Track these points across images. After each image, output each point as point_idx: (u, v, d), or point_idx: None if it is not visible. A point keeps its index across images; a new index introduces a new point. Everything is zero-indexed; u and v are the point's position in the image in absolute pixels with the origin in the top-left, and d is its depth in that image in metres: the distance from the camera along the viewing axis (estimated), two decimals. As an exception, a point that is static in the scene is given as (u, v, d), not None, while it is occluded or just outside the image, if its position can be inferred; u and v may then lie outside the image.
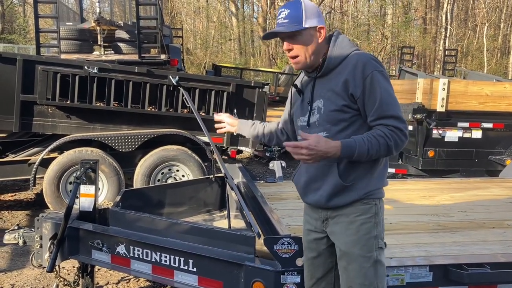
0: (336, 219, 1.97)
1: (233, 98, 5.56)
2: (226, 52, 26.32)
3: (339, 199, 1.93)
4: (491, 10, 28.65)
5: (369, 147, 1.80)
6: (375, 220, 1.93)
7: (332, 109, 1.91)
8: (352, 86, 1.86)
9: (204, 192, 4.11)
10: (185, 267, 2.58)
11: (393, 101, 1.87)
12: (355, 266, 1.92)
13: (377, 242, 1.92)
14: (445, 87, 6.25)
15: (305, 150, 1.74)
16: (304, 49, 1.93)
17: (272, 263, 2.33)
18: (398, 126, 1.83)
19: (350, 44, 1.99)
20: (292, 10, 1.92)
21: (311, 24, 1.91)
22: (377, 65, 1.89)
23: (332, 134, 1.91)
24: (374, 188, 1.93)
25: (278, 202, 3.63)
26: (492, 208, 3.49)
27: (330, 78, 1.94)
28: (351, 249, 1.92)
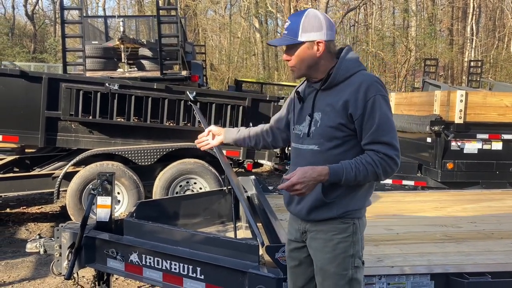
0: (314, 234, 2.01)
1: (249, 112, 5.69)
2: (250, 67, 26.61)
3: (318, 214, 1.97)
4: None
5: (356, 173, 1.85)
6: (352, 239, 1.96)
7: (328, 124, 1.93)
8: (352, 107, 1.88)
9: (218, 204, 4.21)
10: (193, 275, 2.68)
11: (390, 127, 1.89)
12: (330, 283, 1.97)
13: (354, 261, 1.96)
14: (462, 98, 6.22)
15: (298, 186, 1.81)
16: (300, 61, 1.96)
17: (274, 271, 2.40)
18: (388, 153, 1.85)
19: (358, 63, 2.00)
20: (292, 23, 1.96)
21: (308, 38, 1.92)
22: (381, 88, 1.91)
23: (323, 149, 1.94)
24: (354, 208, 1.96)
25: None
26: (503, 220, 3.47)
27: (332, 94, 1.95)
28: (327, 266, 1.97)
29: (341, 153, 1.92)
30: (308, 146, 1.99)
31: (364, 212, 2.04)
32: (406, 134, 7.35)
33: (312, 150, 1.98)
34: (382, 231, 3.16)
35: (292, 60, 1.98)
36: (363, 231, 2.03)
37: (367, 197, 2.03)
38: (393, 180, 6.96)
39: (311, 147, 1.97)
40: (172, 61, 7.86)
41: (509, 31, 27.38)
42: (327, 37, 1.95)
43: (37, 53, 21.48)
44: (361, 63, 2.02)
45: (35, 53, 21.54)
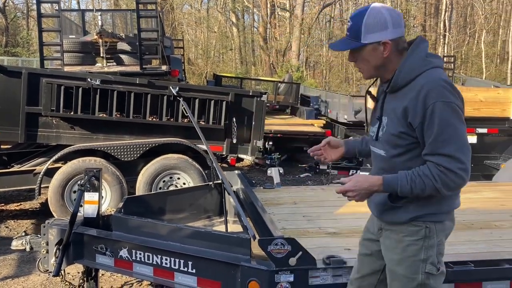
0: (388, 233, 1.97)
1: (232, 107, 5.71)
2: (227, 62, 26.59)
3: (388, 216, 1.94)
4: (489, 16, 28.86)
5: (412, 186, 1.76)
6: (424, 243, 1.86)
7: (391, 132, 1.85)
8: (411, 115, 1.76)
9: (204, 199, 4.23)
10: (184, 269, 2.70)
11: (451, 137, 1.72)
12: (398, 284, 1.93)
13: (425, 266, 1.86)
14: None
15: (350, 193, 1.80)
16: (366, 63, 1.87)
17: (266, 263, 2.45)
18: (448, 167, 1.71)
19: (423, 62, 1.81)
20: (353, 23, 1.83)
21: (372, 39, 1.80)
22: (445, 93, 1.73)
23: (388, 156, 1.89)
24: (427, 212, 1.85)
25: (275, 207, 3.75)
26: (482, 210, 3.61)
27: (396, 97, 1.84)
28: (395, 267, 1.92)
29: (406, 160, 1.84)
30: (378, 150, 1.96)
31: (445, 216, 1.91)
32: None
33: (380, 155, 1.94)
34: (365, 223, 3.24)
35: (359, 62, 1.89)
36: (442, 236, 1.91)
37: (447, 200, 1.88)
38: (372, 173, 7.12)
39: (379, 151, 1.94)
40: (151, 55, 7.81)
41: (480, 28, 28.09)
42: (393, 35, 1.81)
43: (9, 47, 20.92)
44: (428, 61, 1.83)
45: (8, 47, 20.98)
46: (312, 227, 3.17)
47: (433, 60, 1.84)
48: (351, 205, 3.73)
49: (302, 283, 2.43)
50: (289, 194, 4.26)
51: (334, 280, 2.45)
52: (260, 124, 5.78)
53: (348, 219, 3.36)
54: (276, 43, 25.31)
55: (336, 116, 11.89)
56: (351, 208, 3.68)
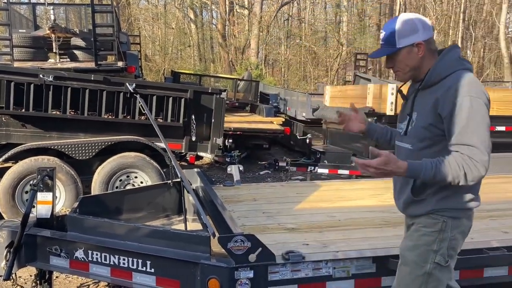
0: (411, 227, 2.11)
1: (191, 105, 5.66)
2: (186, 59, 26.31)
3: (411, 210, 2.08)
4: (440, 17, 29.98)
5: (436, 172, 1.84)
6: (439, 236, 1.99)
7: (420, 125, 1.99)
8: (441, 107, 1.89)
9: (162, 198, 4.18)
10: (143, 268, 2.66)
11: (476, 130, 1.84)
12: (407, 269, 2.07)
13: (435, 257, 1.99)
14: (393, 91, 6.57)
15: (372, 169, 1.83)
16: (403, 65, 2.02)
17: (226, 260, 2.45)
18: (472, 156, 1.82)
19: (455, 62, 1.97)
20: (386, 32, 2.01)
21: (406, 42, 1.96)
22: (474, 90, 1.87)
23: (416, 149, 2.01)
24: (445, 207, 1.98)
25: (235, 204, 3.76)
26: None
27: (427, 94, 1.99)
28: (407, 252, 2.07)
29: (433, 153, 1.94)
30: (404, 144, 2.08)
31: (462, 214, 2.01)
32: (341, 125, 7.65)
33: (407, 149, 2.06)
34: (325, 218, 3.31)
35: (396, 66, 2.04)
36: (457, 232, 2.01)
37: (466, 198, 1.99)
38: (329, 169, 7.25)
39: (406, 145, 2.06)
40: (107, 51, 7.63)
41: (431, 28, 29.08)
42: (425, 37, 1.97)
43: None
44: (460, 62, 1.99)
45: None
46: (272, 223, 3.20)
47: (464, 63, 1.99)
48: (310, 201, 3.83)
49: (262, 279, 2.45)
50: (249, 191, 4.28)
51: (293, 275, 2.49)
52: (220, 122, 5.76)
53: (306, 214, 3.41)
54: (235, 41, 25.28)
55: (295, 113, 12.03)
56: (310, 204, 3.75)
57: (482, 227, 3.08)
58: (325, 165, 7.34)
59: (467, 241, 2.77)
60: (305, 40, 26.08)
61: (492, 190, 4.28)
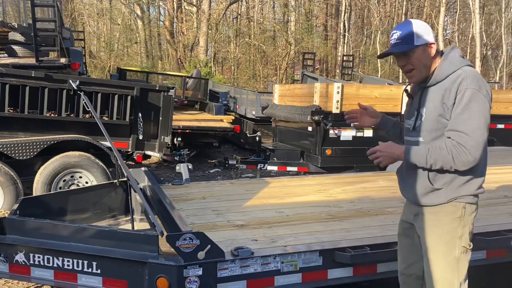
0: (426, 216, 2.18)
1: (138, 102, 5.55)
2: (132, 56, 25.70)
3: (429, 199, 2.15)
4: (384, 18, 31.08)
5: (427, 157, 2.04)
6: (461, 222, 2.12)
7: (430, 118, 2.12)
8: (446, 97, 2.05)
9: (109, 197, 4.08)
10: (88, 270, 2.59)
11: (470, 119, 1.99)
12: (437, 260, 2.14)
13: (461, 242, 2.12)
14: (339, 90, 6.77)
15: (379, 153, 2.09)
16: (419, 63, 2.14)
17: (175, 259, 2.43)
18: (461, 142, 1.99)
19: (460, 60, 2.14)
20: (403, 31, 2.13)
21: (422, 41, 2.11)
22: (476, 83, 2.02)
23: (426, 140, 2.14)
24: (463, 194, 2.11)
25: (184, 202, 3.73)
26: (377, 198, 3.90)
27: (435, 90, 2.13)
28: (435, 244, 2.15)
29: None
30: (414, 138, 2.20)
31: (475, 200, 2.15)
32: (289, 123, 7.78)
33: (418, 142, 2.17)
34: (274, 214, 3.36)
35: (412, 64, 2.14)
36: (473, 216, 2.15)
37: (476, 185, 2.13)
38: (279, 167, 7.35)
39: (416, 139, 2.18)
40: (49, 47, 7.32)
41: (375, 29, 30.15)
42: (433, 39, 2.14)
43: None
44: (463, 60, 2.15)
45: None
46: (221, 220, 3.20)
47: (466, 61, 2.16)
48: (259, 198, 3.87)
49: (211, 276, 2.45)
50: (198, 189, 4.26)
51: (242, 271, 2.51)
52: (168, 120, 5.69)
53: (255, 211, 3.44)
54: (184, 38, 24.99)
55: (244, 112, 12.08)
56: (259, 201, 3.79)
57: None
58: (275, 162, 7.43)
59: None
60: (254, 38, 26.21)
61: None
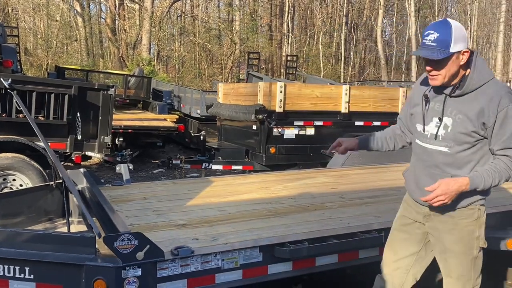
0: (442, 218, 2.25)
1: (76, 102, 5.37)
2: (72, 53, 24.75)
3: (450, 204, 2.16)
4: (326, 19, 31.86)
5: (493, 181, 2.11)
6: (478, 223, 2.23)
7: (461, 131, 2.12)
8: (486, 116, 2.06)
9: (45, 200, 3.92)
10: (21, 276, 2.48)
11: None
12: (456, 261, 2.25)
13: (478, 242, 2.23)
14: (282, 89, 6.89)
15: (442, 197, 2.07)
16: (446, 71, 2.09)
17: (113, 260, 2.39)
18: None
19: (489, 71, 2.17)
20: (441, 34, 2.04)
21: (458, 49, 2.05)
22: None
23: (453, 152, 2.17)
24: (478, 198, 2.21)
25: (124, 203, 3.66)
26: (316, 194, 4.01)
27: (464, 101, 2.12)
28: (454, 246, 2.24)
29: (469, 154, 2.16)
30: (436, 147, 2.21)
31: (485, 202, 2.26)
32: (234, 122, 7.82)
33: (440, 151, 2.19)
34: (216, 212, 3.37)
35: (437, 70, 2.09)
36: (485, 217, 2.27)
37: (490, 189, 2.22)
38: (224, 166, 7.38)
39: (440, 148, 2.19)
40: (-23, 43, 6.94)
41: (318, 30, 30.86)
42: (467, 47, 2.09)
43: None
44: (491, 71, 2.18)
45: None
46: (162, 220, 3.17)
47: (491, 71, 2.20)
48: (201, 197, 3.86)
49: (151, 276, 2.43)
50: (140, 190, 4.18)
51: (182, 270, 2.50)
52: (108, 119, 5.55)
53: (197, 210, 3.43)
54: (126, 36, 24.38)
55: (189, 110, 11.99)
56: (201, 200, 3.79)
57: (357, 213, 3.37)
58: (219, 161, 7.44)
59: (344, 227, 3.06)
60: (199, 37, 26.04)
61: (368, 179, 4.71)
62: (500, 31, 26.65)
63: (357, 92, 7.56)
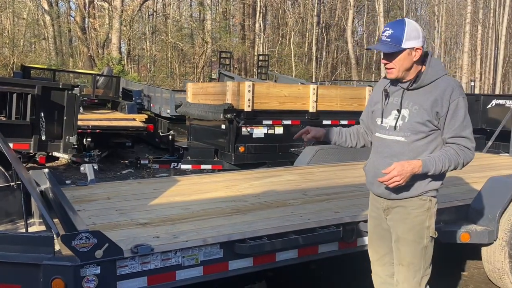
0: (396, 210, 2.40)
1: (40, 101, 5.30)
2: (40, 52, 24.21)
3: (400, 195, 2.35)
4: (298, 19, 32.11)
5: (443, 165, 2.25)
6: (428, 213, 2.36)
7: (416, 121, 2.29)
8: (439, 106, 2.24)
9: (5, 201, 3.87)
10: (-26, 277, 2.46)
11: (468, 124, 2.28)
12: (407, 248, 2.38)
13: (428, 232, 2.37)
14: (250, 89, 6.94)
15: (398, 177, 2.20)
16: (399, 65, 2.27)
17: (71, 259, 2.39)
18: (467, 146, 2.27)
19: (442, 68, 2.34)
20: (395, 31, 2.23)
21: (410, 45, 2.23)
22: (462, 92, 2.28)
23: (409, 141, 2.32)
24: (430, 189, 2.35)
25: (88, 203, 3.64)
26: (281, 191, 4.07)
27: (420, 94, 2.30)
28: (406, 235, 2.38)
29: (424, 144, 2.31)
30: (394, 137, 2.36)
31: (436, 193, 2.40)
32: (203, 122, 7.83)
33: (398, 141, 2.34)
34: (179, 211, 3.39)
35: (393, 64, 2.28)
36: (436, 209, 2.41)
37: (439, 180, 2.37)
38: (192, 165, 7.38)
39: (397, 138, 2.34)
40: None
41: (290, 30, 31.06)
42: (422, 44, 2.26)
43: None
44: (444, 68, 2.36)
45: None
46: (124, 219, 3.17)
47: (444, 68, 2.37)
48: (166, 196, 3.88)
49: (110, 274, 2.44)
50: (104, 189, 4.16)
51: (142, 268, 2.52)
52: (73, 119, 5.49)
53: (161, 209, 3.44)
54: (96, 34, 24.01)
55: (159, 110, 11.92)
56: (166, 199, 3.80)
57: (318, 209, 3.45)
58: (188, 161, 7.44)
59: (303, 222, 3.13)
60: (171, 36, 25.86)
61: (332, 177, 4.81)
62: (466, 31, 27.39)
63: (325, 91, 7.68)
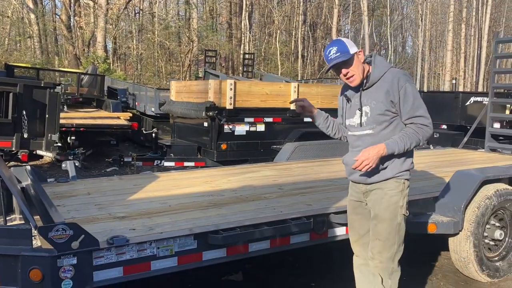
0: (374, 191, 2.69)
1: (22, 99, 5.35)
2: (24, 51, 24.04)
3: (378, 177, 2.65)
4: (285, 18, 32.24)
5: (405, 144, 2.55)
6: (402, 194, 2.66)
7: (377, 113, 2.60)
8: (392, 95, 2.56)
9: (-14, 198, 3.93)
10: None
11: (420, 104, 2.57)
12: (383, 225, 2.66)
13: (402, 210, 2.66)
14: (232, 87, 7.06)
15: (366, 161, 2.50)
16: (357, 68, 2.60)
17: (48, 250, 2.48)
18: (424, 122, 2.56)
19: (386, 63, 2.68)
20: (339, 46, 2.57)
21: (354, 50, 2.58)
22: (408, 78, 2.60)
23: (376, 131, 2.62)
24: (403, 170, 2.66)
25: (68, 199, 3.72)
26: (258, 186, 4.19)
27: (373, 90, 2.62)
28: (382, 212, 2.66)
29: (390, 131, 2.61)
30: (363, 131, 2.66)
31: (409, 175, 2.70)
32: (186, 119, 7.92)
33: (368, 134, 2.65)
34: (157, 205, 3.49)
35: (351, 71, 2.60)
36: (408, 190, 2.71)
37: (410, 163, 2.69)
38: (176, 162, 7.47)
39: (366, 132, 2.65)
40: None
41: (276, 28, 31.19)
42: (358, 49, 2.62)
43: None
44: (388, 63, 2.69)
45: None
46: (102, 213, 3.26)
47: (388, 62, 2.71)
48: (145, 191, 3.98)
49: (86, 265, 2.53)
50: (84, 185, 4.24)
51: (118, 258, 2.62)
52: (55, 117, 5.55)
53: (139, 203, 3.54)
54: (82, 33, 23.90)
55: (143, 108, 11.97)
56: (144, 194, 3.90)
57: (291, 202, 3.58)
58: (172, 158, 7.53)
59: (275, 214, 3.25)
60: (157, 35, 25.83)
61: (309, 172, 4.94)
62: (449, 30, 27.77)
63: (306, 89, 7.83)
